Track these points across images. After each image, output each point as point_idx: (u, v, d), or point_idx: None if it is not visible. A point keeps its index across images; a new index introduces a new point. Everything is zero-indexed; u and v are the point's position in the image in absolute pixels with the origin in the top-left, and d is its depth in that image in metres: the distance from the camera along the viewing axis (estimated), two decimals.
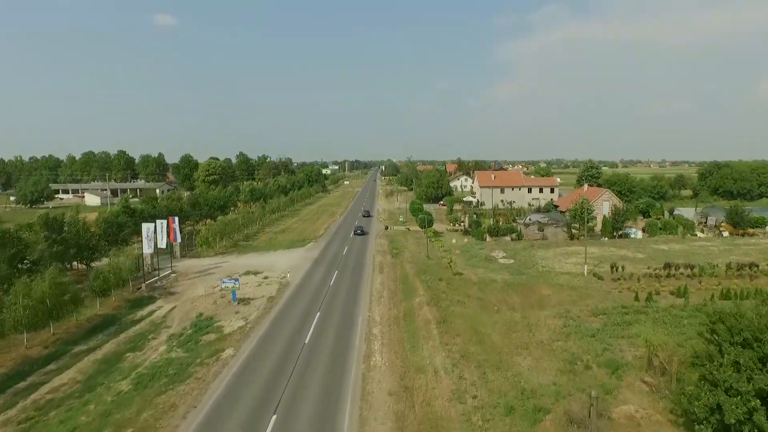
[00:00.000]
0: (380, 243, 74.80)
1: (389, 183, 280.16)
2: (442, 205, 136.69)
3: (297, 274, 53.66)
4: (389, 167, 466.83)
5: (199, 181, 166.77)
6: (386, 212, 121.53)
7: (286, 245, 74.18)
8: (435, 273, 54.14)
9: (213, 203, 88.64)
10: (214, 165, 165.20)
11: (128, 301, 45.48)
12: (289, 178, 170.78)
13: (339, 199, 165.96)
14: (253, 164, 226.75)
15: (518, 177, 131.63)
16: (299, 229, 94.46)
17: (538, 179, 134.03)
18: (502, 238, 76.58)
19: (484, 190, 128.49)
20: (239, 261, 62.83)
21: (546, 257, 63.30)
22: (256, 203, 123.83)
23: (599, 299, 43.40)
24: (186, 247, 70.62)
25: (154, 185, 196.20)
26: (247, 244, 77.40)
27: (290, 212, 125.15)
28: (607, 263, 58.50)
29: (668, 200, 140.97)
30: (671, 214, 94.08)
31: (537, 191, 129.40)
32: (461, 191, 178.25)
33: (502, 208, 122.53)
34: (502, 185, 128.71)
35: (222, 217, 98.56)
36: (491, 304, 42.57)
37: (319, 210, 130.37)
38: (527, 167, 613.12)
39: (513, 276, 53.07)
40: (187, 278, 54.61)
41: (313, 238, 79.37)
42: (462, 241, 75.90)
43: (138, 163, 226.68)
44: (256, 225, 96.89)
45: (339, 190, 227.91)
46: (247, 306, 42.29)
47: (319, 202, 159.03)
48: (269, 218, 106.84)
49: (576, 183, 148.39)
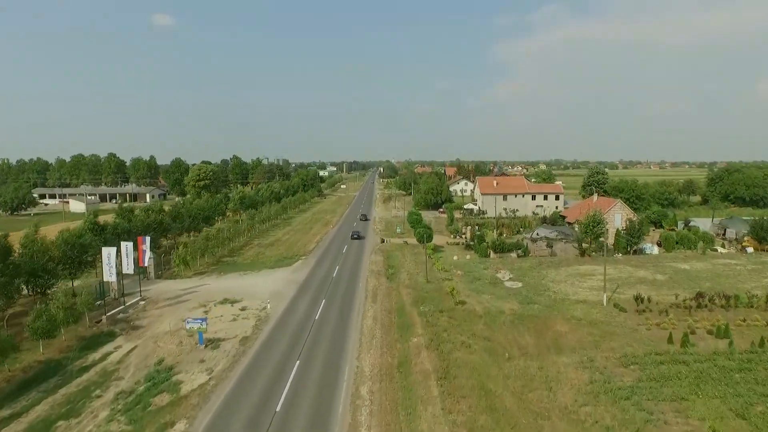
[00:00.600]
0: (375, 260, 68.77)
1: (387, 186, 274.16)
2: (442, 213, 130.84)
3: (279, 304, 47.61)
4: (387, 169, 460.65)
5: (189, 186, 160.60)
6: (383, 221, 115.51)
7: (273, 263, 68.10)
8: (435, 302, 48.17)
9: (197, 214, 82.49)
10: (205, 170, 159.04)
11: (82, 340, 39.40)
12: (283, 183, 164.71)
13: (335, 205, 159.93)
14: (247, 167, 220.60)
15: (521, 183, 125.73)
16: (290, 241, 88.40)
17: (542, 186, 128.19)
18: (507, 254, 70.63)
19: (486, 197, 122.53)
20: (218, 284, 56.75)
21: (557, 279, 57.34)
22: (247, 212, 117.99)
23: (625, 340, 37.43)
24: (163, 266, 64.57)
25: (145, 190, 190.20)
26: (232, 261, 71.34)
27: (282, 221, 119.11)
28: (625, 287, 52.66)
29: (677, 207, 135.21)
30: (686, 226, 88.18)
31: (541, 198, 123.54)
32: (461, 196, 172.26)
33: (504, 216, 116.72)
34: (505, 192, 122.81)
35: (207, 229, 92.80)
36: (501, 347, 36.58)
37: (312, 218, 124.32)
38: (527, 168, 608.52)
39: (523, 305, 47.10)
40: (157, 306, 48.55)
41: (303, 255, 73.31)
42: (464, 258, 69.93)
43: (129, 166, 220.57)
44: (244, 237, 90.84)
45: (336, 194, 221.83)
46: (216, 350, 36.22)
47: (314, 208, 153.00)
48: (259, 229, 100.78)
49: (581, 189, 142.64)
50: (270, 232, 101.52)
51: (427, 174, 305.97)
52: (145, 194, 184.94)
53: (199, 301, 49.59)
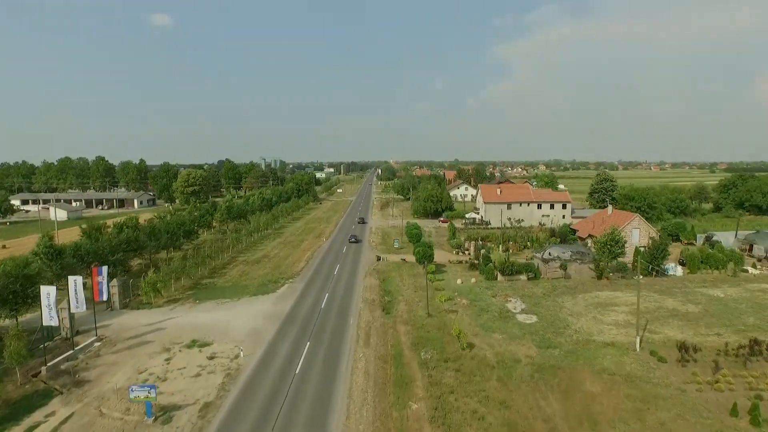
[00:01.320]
0: (370, 284, 61.68)
1: (385, 190, 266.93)
2: (443, 222, 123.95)
3: (255, 349, 40.51)
4: (386, 170, 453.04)
5: (178, 192, 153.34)
6: (380, 232, 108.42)
7: (255, 287, 60.94)
8: (438, 344, 41.18)
9: (176, 230, 75.29)
10: (194, 175, 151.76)
11: (7, 405, 32.31)
12: (275, 189, 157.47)
13: (330, 213, 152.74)
14: (240, 171, 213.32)
15: (526, 192, 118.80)
16: (278, 257, 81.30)
17: (548, 193, 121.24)
18: (516, 276, 63.65)
19: (489, 206, 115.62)
20: (190, 317, 49.60)
21: (576, 311, 50.36)
22: (235, 222, 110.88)
23: (675, 408, 30.46)
24: (132, 291, 57.38)
25: (133, 195, 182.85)
26: (211, 284, 64.21)
27: (273, 231, 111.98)
28: (656, 323, 45.76)
29: (688, 215, 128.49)
30: (709, 241, 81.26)
31: (547, 207, 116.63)
32: (462, 201, 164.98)
33: (509, 227, 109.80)
34: (509, 201, 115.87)
35: (189, 244, 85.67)
36: (522, 418, 29.58)
37: (305, 228, 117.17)
38: (526, 170, 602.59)
39: (541, 350, 40.12)
40: (114, 350, 41.46)
41: (290, 277, 66.16)
42: (468, 281, 62.92)
43: (118, 170, 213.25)
44: (229, 252, 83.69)
45: (332, 198, 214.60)
46: (167, 425, 29.11)
47: (308, 216, 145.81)
48: (246, 242, 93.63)
49: (588, 196, 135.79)
50: (259, 245, 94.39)
51: (426, 177, 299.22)
52: (133, 200, 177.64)
53: (163, 342, 42.48)
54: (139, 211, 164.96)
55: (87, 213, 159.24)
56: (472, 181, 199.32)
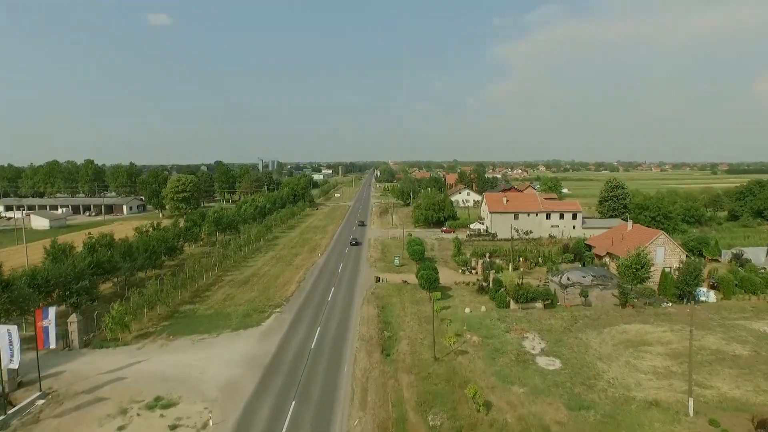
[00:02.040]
0: (367, 315, 54.85)
1: (384, 193, 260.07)
2: (445, 232, 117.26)
3: (229, 413, 33.62)
4: (385, 172, 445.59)
5: (168, 199, 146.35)
6: (379, 244, 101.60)
7: (239, 319, 54.02)
8: (449, 403, 34.44)
9: (154, 249, 68.32)
10: (184, 181, 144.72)
11: None
12: (270, 196, 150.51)
13: (326, 221, 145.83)
14: (234, 175, 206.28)
15: (534, 201, 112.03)
16: (268, 276, 74.54)
17: (557, 203, 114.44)
18: (531, 304, 56.91)
19: (495, 217, 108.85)
20: (158, 362, 42.68)
21: (605, 353, 43.58)
22: (226, 233, 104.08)
23: None
24: (98, 324, 50.44)
25: (122, 201, 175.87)
26: (191, 311, 57.41)
27: (266, 243, 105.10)
28: (702, 372, 38.94)
29: (704, 224, 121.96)
30: (738, 259, 74.52)
31: (557, 217, 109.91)
32: (464, 207, 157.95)
33: (517, 239, 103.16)
34: (516, 210, 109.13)
35: (172, 260, 78.90)
36: None
37: (300, 240, 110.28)
38: (527, 171, 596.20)
39: (572, 411, 33.37)
40: (59, 411, 34.58)
41: (278, 304, 59.23)
42: (478, 309, 56.14)
43: (108, 173, 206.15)
44: (216, 270, 76.85)
45: (330, 203, 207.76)
46: None
47: (304, 224, 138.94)
48: (234, 258, 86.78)
49: (599, 204, 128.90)
50: (249, 260, 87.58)
51: (426, 180, 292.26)
52: (122, 206, 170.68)
53: (120, 400, 35.59)
54: (127, 218, 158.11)
55: (72, 220, 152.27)
56: (474, 186, 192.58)
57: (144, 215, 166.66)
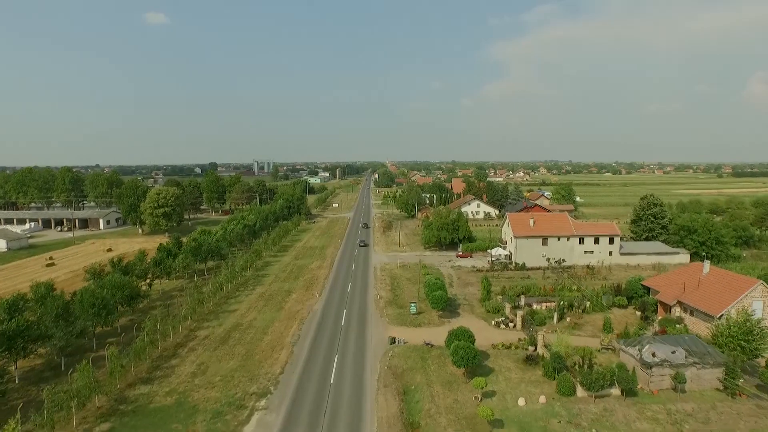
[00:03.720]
0: (387, 412, 39.72)
1: (385, 201, 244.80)
2: (461, 257, 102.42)
3: None
4: (383, 175, 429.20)
5: (146, 214, 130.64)
6: (387, 275, 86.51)
7: (207, 422, 38.81)
8: None
9: (103, 303, 52.71)
10: (165, 194, 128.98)
11: None
12: (261, 211, 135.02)
13: (324, 239, 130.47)
14: (224, 184, 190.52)
15: (565, 223, 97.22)
16: (254, 329, 59.51)
17: (591, 226, 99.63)
18: (606, 391, 42.00)
19: (521, 242, 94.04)
20: None
21: None
22: (207, 261, 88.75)
23: None
24: None
25: (98, 213, 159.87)
26: (144, 400, 42.19)
27: (254, 273, 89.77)
28: None
29: (753, 246, 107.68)
30: None
31: (591, 242, 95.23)
32: (473, 219, 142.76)
33: (548, 267, 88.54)
34: (545, 234, 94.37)
35: (133, 309, 63.45)
36: None
37: (294, 267, 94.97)
38: (529, 174, 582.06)
39: None
40: None
41: (264, 391, 43.85)
42: (534, 398, 41.17)
43: (87, 182, 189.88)
44: (188, 322, 61.62)
45: (327, 214, 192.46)
46: None
47: (299, 243, 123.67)
48: (216, 298, 71.61)
49: (632, 224, 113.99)
50: (232, 299, 72.49)
51: (429, 186, 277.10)
52: (99, 219, 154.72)
53: None
54: (103, 234, 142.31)
55: (40, 237, 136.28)
56: (483, 196, 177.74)
57: (123, 230, 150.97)
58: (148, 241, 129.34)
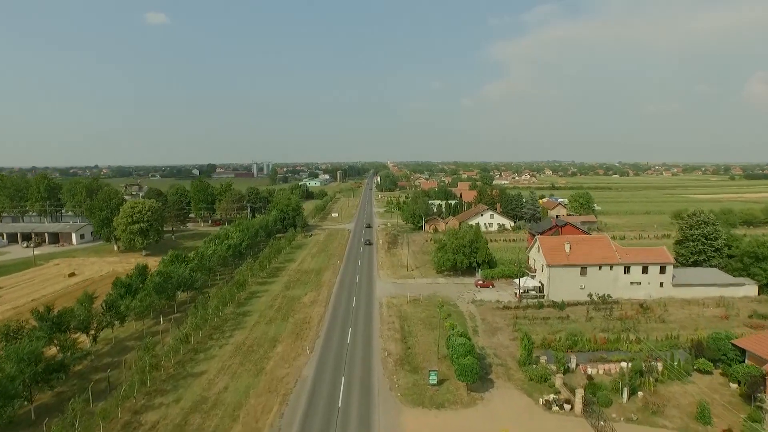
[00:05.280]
0: None
1: (388, 208, 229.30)
2: (481, 286, 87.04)
3: None
4: (385, 178, 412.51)
5: (119, 230, 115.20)
6: (394, 313, 71.06)
7: None
8: None
9: (3, 390, 37.16)
10: (141, 208, 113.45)
11: None
12: (249, 227, 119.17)
13: (321, 259, 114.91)
14: (213, 192, 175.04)
15: (607, 248, 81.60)
16: (221, 408, 44.23)
17: (637, 251, 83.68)
18: None
19: (556, 272, 78.57)
20: None
21: None
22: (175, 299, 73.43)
23: None
24: None
25: (71, 227, 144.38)
26: None
27: (234, 312, 74.35)
28: None
29: None
30: None
31: (638, 271, 79.68)
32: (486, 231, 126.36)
33: (589, 302, 73.34)
34: (584, 263, 78.84)
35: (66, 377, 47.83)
36: None
37: (282, 301, 79.49)
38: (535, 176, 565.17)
39: None
40: None
41: None
42: None
43: (64, 189, 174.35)
44: (143, 391, 46.21)
45: (326, 224, 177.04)
46: None
47: (292, 265, 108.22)
48: (181, 353, 56.22)
49: (676, 245, 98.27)
50: (199, 356, 57.07)
51: (435, 191, 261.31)
52: (71, 233, 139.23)
53: None
54: (73, 251, 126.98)
55: (1, 256, 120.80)
56: (497, 207, 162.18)
57: (98, 245, 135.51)
58: (123, 261, 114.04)
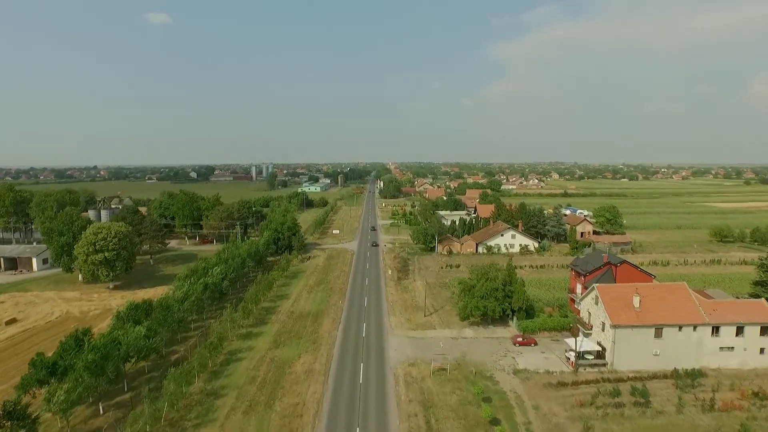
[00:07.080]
0: None
1: (393, 220, 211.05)
2: (521, 344, 68.85)
3: None
4: (388, 183, 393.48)
5: (80, 260, 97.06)
6: (415, 393, 52.79)
7: None
8: None
9: None
10: (105, 234, 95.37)
11: None
12: (235, 256, 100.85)
13: (320, 294, 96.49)
14: (200, 207, 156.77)
15: (687, 301, 63.29)
16: None
17: (726, 305, 65.20)
18: None
19: (622, 334, 60.34)
20: None
21: None
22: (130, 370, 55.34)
23: None
24: None
25: (32, 250, 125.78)
26: None
27: (199, 394, 56.17)
28: None
29: None
30: None
31: (730, 334, 61.46)
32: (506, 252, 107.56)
33: (664, 373, 55.32)
34: (660, 323, 60.56)
35: None
36: None
37: (269, 373, 61.15)
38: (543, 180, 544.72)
39: None
40: None
41: None
42: None
43: (33, 203, 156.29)
44: None
45: (325, 243, 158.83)
46: None
47: (285, 304, 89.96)
48: None
49: (755, 285, 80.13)
50: None
51: (443, 201, 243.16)
52: (32, 258, 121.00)
53: None
54: (36, 279, 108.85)
55: None
56: (519, 225, 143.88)
57: (61, 274, 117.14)
58: (84, 296, 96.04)
